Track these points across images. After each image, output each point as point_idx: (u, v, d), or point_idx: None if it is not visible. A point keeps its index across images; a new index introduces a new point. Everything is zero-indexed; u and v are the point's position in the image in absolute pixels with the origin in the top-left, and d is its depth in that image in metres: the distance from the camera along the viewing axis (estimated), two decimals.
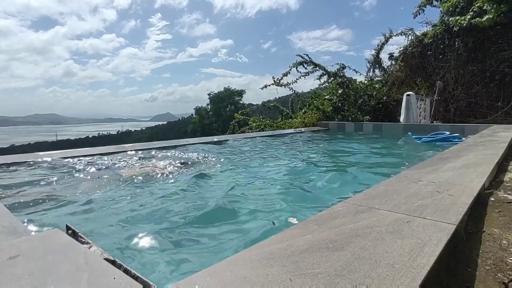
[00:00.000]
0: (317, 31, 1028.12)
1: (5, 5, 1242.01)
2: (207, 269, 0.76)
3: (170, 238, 1.57)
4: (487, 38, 7.57)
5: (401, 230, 0.99)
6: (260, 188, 2.61)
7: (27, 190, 2.40)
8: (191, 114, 54.08)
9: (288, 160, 3.85)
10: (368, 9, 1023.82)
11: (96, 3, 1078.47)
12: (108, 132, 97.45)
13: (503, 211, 1.44)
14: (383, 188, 1.55)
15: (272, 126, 9.83)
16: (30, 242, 0.97)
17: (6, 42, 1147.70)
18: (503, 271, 0.92)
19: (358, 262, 0.78)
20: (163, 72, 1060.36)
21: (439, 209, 1.19)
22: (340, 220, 1.09)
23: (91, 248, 0.94)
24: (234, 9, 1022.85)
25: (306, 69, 9.62)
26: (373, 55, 10.71)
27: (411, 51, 8.83)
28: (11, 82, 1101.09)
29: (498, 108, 7.49)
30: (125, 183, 2.64)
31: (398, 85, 9.26)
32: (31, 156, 3.48)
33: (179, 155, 3.99)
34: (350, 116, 8.95)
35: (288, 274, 0.73)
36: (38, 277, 0.75)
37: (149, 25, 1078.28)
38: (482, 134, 4.37)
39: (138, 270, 0.79)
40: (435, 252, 0.83)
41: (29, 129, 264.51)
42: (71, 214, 1.94)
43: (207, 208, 2.01)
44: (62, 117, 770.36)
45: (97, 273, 0.76)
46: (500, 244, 1.10)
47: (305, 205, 2.13)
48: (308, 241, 0.91)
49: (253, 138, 5.93)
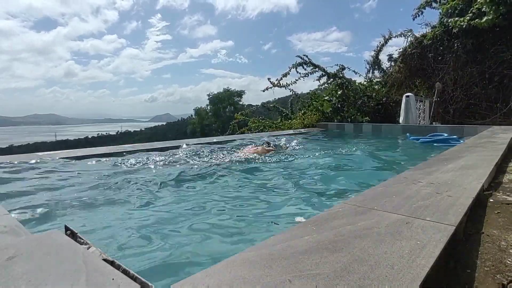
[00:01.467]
0: (317, 33, 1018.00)
1: (7, 6, 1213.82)
2: (205, 270, 0.76)
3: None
4: (486, 39, 7.59)
5: (401, 231, 0.99)
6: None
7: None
8: (190, 114, 54.10)
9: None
10: (368, 11, 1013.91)
11: (99, 4, 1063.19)
12: (107, 132, 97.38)
13: (502, 213, 1.44)
14: (382, 189, 1.55)
15: (272, 126, 9.83)
16: (28, 243, 0.97)
17: (8, 43, 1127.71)
18: (502, 272, 0.92)
19: (358, 263, 0.78)
20: (163, 73, 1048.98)
21: (438, 210, 1.19)
22: (339, 221, 1.09)
23: (90, 248, 0.93)
24: (235, 10, 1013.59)
25: (305, 70, 9.62)
26: (372, 56, 10.73)
27: (411, 52, 8.85)
28: (12, 82, 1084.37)
29: (497, 110, 7.50)
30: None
31: (398, 86, 9.28)
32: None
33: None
34: (349, 117, 8.96)
35: (287, 275, 0.73)
36: (36, 277, 0.75)
37: (149, 25, 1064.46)
38: (481, 136, 4.38)
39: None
40: (435, 253, 0.83)
41: (29, 129, 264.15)
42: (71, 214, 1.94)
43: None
44: (62, 117, 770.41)
45: (96, 273, 0.76)
46: (499, 245, 1.11)
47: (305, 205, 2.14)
48: (307, 242, 0.91)
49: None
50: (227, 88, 45.88)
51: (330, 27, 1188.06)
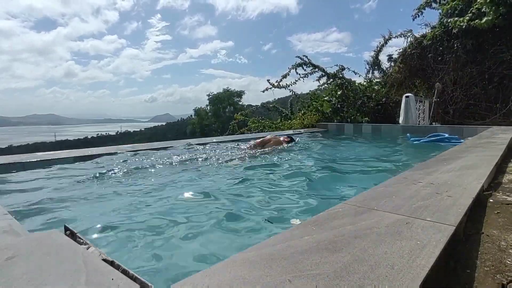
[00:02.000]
0: (317, 34, 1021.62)
1: (8, 6, 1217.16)
2: (205, 270, 0.76)
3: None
4: (486, 40, 7.59)
5: (401, 231, 0.99)
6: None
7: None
8: (190, 115, 54.07)
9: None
10: (368, 11, 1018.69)
11: (99, 4, 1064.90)
12: (107, 132, 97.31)
13: (502, 213, 1.44)
14: (382, 189, 1.55)
15: (271, 127, 9.83)
16: (28, 243, 0.97)
17: (8, 43, 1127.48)
18: (502, 272, 0.92)
19: (358, 263, 0.78)
20: (163, 73, 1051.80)
21: (438, 210, 1.19)
22: (339, 221, 1.09)
23: (89, 248, 0.93)
24: (236, 11, 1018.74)
25: (305, 71, 9.62)
26: (372, 56, 10.74)
27: (410, 52, 8.85)
28: (12, 83, 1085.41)
29: (497, 110, 7.51)
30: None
31: (397, 87, 9.28)
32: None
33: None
34: (349, 118, 8.96)
35: (287, 275, 0.73)
36: (35, 278, 0.75)
37: (149, 26, 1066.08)
38: (481, 136, 4.38)
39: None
40: (435, 253, 0.83)
41: (28, 130, 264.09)
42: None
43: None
44: (61, 117, 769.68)
45: (95, 273, 0.76)
46: (499, 245, 1.10)
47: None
48: (307, 242, 0.91)
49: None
50: (226, 88, 45.90)
51: (330, 27, 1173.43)
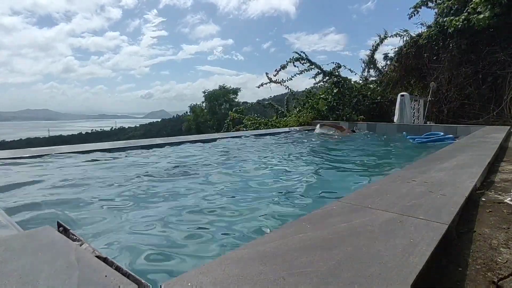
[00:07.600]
0: (315, 35, 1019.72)
1: (12, 3, 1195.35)
2: (199, 268, 0.76)
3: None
4: (480, 40, 7.65)
5: (394, 230, 0.99)
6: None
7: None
8: (185, 111, 53.76)
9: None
10: (366, 12, 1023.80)
11: (103, 2, 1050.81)
12: (102, 128, 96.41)
13: (494, 211, 1.46)
14: (377, 188, 1.55)
15: (267, 124, 9.82)
16: (20, 239, 0.96)
17: (10, 38, 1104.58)
18: (493, 270, 0.93)
19: (351, 261, 0.79)
20: (161, 69, 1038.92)
21: (431, 208, 1.20)
22: (333, 219, 1.09)
23: (83, 245, 0.93)
24: (237, 11, 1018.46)
25: (302, 65, 9.59)
26: (368, 55, 10.76)
27: (406, 51, 8.89)
28: (9, 77, 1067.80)
29: (490, 110, 7.59)
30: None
31: (393, 86, 9.33)
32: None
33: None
34: (344, 116, 8.98)
35: (281, 273, 0.73)
36: (28, 274, 0.74)
37: (146, 22, 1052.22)
38: (474, 135, 4.43)
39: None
40: (427, 252, 0.84)
41: (22, 125, 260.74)
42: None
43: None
44: (55, 113, 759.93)
45: (88, 270, 0.76)
46: (490, 243, 1.12)
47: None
48: (302, 240, 0.91)
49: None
50: (222, 86, 45.69)
51: (328, 27, 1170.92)
